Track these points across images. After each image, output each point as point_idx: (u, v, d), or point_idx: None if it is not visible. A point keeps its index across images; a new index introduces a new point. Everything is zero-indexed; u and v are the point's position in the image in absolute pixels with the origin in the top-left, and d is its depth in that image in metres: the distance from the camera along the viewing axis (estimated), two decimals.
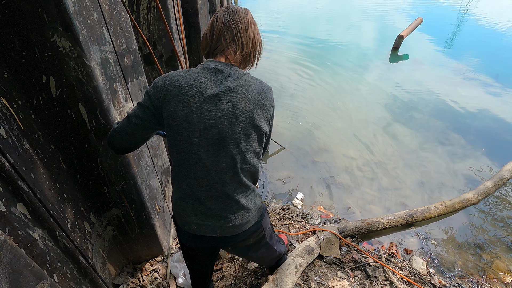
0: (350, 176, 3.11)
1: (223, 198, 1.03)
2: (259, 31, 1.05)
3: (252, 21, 1.02)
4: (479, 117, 4.08)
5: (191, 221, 1.07)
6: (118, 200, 1.50)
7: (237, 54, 0.98)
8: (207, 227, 1.07)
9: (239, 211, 1.06)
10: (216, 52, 1.00)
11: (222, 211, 1.04)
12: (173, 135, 0.97)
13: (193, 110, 0.93)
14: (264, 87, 1.00)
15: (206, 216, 1.05)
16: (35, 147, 1.06)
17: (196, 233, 1.09)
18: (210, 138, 0.94)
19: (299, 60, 5.68)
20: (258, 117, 0.97)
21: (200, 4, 2.54)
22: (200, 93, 0.93)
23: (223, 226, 1.06)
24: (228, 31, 0.97)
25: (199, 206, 1.04)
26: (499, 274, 2.20)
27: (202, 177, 0.99)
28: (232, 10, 0.99)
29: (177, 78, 0.96)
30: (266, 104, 0.99)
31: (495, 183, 2.85)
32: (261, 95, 0.97)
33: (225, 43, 0.98)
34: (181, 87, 0.94)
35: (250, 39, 1.00)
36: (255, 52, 1.04)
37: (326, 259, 2.05)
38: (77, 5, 0.94)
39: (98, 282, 1.41)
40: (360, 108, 4.25)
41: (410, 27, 6.30)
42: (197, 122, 0.93)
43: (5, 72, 0.93)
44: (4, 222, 0.88)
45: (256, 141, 1.00)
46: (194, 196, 1.03)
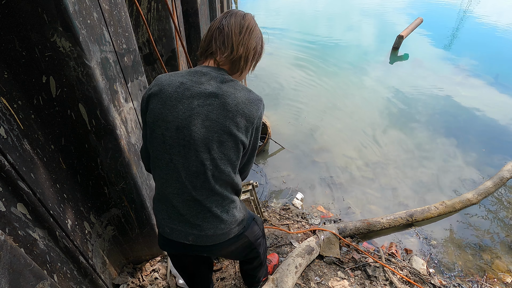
0: (350, 176, 3.11)
1: (195, 204, 0.99)
2: (259, 37, 1.01)
3: (250, 25, 0.98)
4: (479, 117, 4.08)
5: (165, 223, 1.04)
6: (118, 200, 1.50)
7: (224, 57, 0.95)
8: (180, 233, 1.03)
9: (212, 221, 1.01)
10: (207, 53, 0.99)
11: (194, 217, 1.00)
12: (150, 133, 0.97)
13: (168, 108, 0.92)
14: (252, 98, 0.96)
15: (179, 221, 1.01)
16: (35, 147, 1.06)
17: (169, 237, 1.05)
18: (182, 139, 0.92)
19: (299, 60, 5.68)
20: (236, 126, 0.92)
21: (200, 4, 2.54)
22: (178, 92, 0.92)
23: (196, 234, 1.02)
24: (220, 33, 0.95)
25: (172, 209, 1.01)
26: (499, 274, 2.20)
27: (174, 178, 0.97)
28: (230, 14, 0.98)
29: (162, 79, 0.96)
30: (250, 115, 0.94)
31: (495, 183, 2.85)
32: (245, 104, 0.93)
33: (215, 45, 0.96)
34: (163, 86, 0.94)
35: (242, 43, 0.95)
36: (247, 57, 0.99)
37: (326, 259, 2.05)
38: (77, 5, 0.94)
39: (98, 282, 1.41)
40: (360, 108, 4.25)
41: (410, 27, 6.30)
42: (171, 121, 0.91)
43: (5, 72, 0.93)
44: (4, 222, 0.88)
45: (232, 151, 0.95)
46: (166, 198, 1.01)
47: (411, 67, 5.53)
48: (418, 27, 6.76)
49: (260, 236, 1.33)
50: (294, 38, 6.76)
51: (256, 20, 1.03)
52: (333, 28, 7.50)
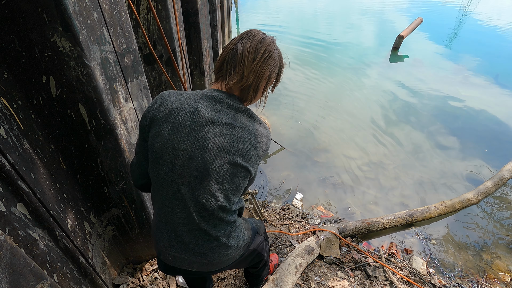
0: (350, 176, 3.11)
1: (201, 234, 0.94)
2: (276, 64, 0.94)
3: (268, 51, 0.90)
4: (479, 117, 4.08)
5: (166, 251, 0.99)
6: (118, 200, 1.50)
7: (233, 84, 0.90)
8: (183, 261, 0.99)
9: (218, 249, 0.98)
10: (218, 76, 0.94)
11: (199, 247, 0.96)
12: (154, 158, 0.90)
13: (181, 136, 0.85)
14: (262, 132, 0.94)
15: (182, 250, 0.97)
16: (35, 147, 1.06)
17: (171, 264, 1.02)
18: (194, 170, 0.87)
19: (299, 60, 5.68)
20: (248, 159, 0.90)
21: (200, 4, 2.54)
22: (193, 119, 0.85)
23: (199, 262, 0.99)
24: (233, 57, 0.89)
25: (175, 238, 0.96)
26: (499, 274, 2.20)
27: (180, 208, 0.92)
28: (248, 36, 0.91)
29: (170, 100, 0.89)
30: (260, 149, 0.93)
31: (495, 183, 2.85)
32: (257, 138, 0.91)
33: (226, 69, 0.91)
34: (173, 109, 0.87)
35: (254, 71, 0.88)
36: (257, 87, 0.92)
37: (326, 259, 2.05)
38: (77, 5, 0.94)
39: (98, 282, 1.41)
40: (360, 108, 4.25)
41: (410, 27, 6.30)
42: (183, 149, 0.86)
43: (5, 72, 0.93)
44: (4, 222, 0.88)
45: (243, 182, 0.93)
46: (170, 226, 0.96)
47: (411, 67, 5.53)
48: (418, 27, 6.76)
49: (263, 241, 1.32)
50: (294, 38, 6.76)
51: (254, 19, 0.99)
52: (333, 28, 7.50)
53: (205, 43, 2.83)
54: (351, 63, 5.61)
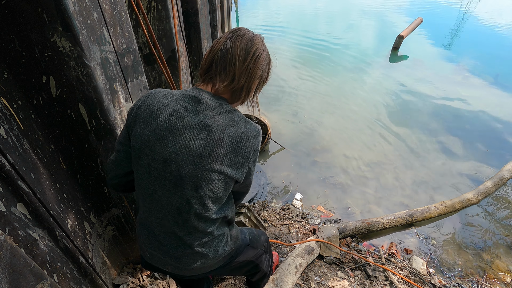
0: (350, 176, 3.11)
1: (175, 238, 0.93)
2: (266, 63, 0.91)
3: (258, 51, 0.87)
4: (479, 117, 4.08)
5: (145, 248, 1.00)
6: (118, 200, 1.51)
7: (224, 86, 0.86)
8: (160, 260, 0.99)
9: (192, 256, 0.95)
10: (206, 76, 0.89)
11: (174, 250, 0.94)
12: (135, 158, 0.89)
13: (157, 138, 0.83)
14: (248, 131, 0.87)
15: (159, 249, 0.96)
16: (35, 147, 1.06)
17: (148, 261, 1.03)
18: (168, 174, 0.84)
19: (299, 60, 5.68)
20: (229, 163, 0.85)
21: (200, 4, 2.54)
22: (170, 121, 0.83)
23: (174, 265, 0.97)
24: (222, 57, 0.85)
25: (153, 237, 0.96)
26: (499, 274, 2.20)
27: (157, 209, 0.91)
28: (237, 35, 0.87)
29: (153, 99, 0.87)
30: (244, 150, 0.86)
31: (495, 183, 2.85)
32: (241, 139, 0.85)
33: (216, 70, 0.86)
34: (153, 110, 0.85)
35: (245, 72, 0.86)
36: (249, 87, 0.89)
37: (326, 259, 2.05)
38: (77, 5, 0.94)
39: (98, 282, 1.41)
40: (360, 108, 4.25)
41: (410, 27, 6.30)
42: (159, 152, 0.83)
43: (5, 72, 0.93)
44: (4, 222, 0.88)
45: (222, 188, 0.88)
46: (148, 225, 0.97)
47: (411, 67, 5.53)
48: (418, 27, 6.76)
49: (261, 254, 1.28)
50: (294, 38, 6.76)
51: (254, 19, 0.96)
52: (333, 28, 7.50)
53: (205, 43, 2.83)
54: (351, 63, 5.61)
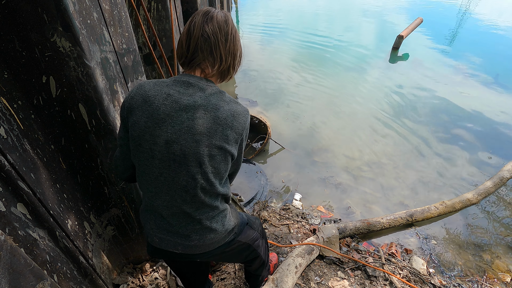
0: (350, 176, 3.11)
1: (185, 216, 0.98)
2: (239, 38, 0.98)
3: (233, 29, 0.94)
4: (479, 117, 4.08)
5: (153, 233, 1.04)
6: (118, 200, 1.51)
7: (215, 69, 0.93)
8: (169, 242, 1.03)
9: (202, 232, 1.01)
10: (193, 64, 0.93)
11: (183, 228, 1.00)
12: (135, 146, 0.93)
13: (155, 122, 0.88)
14: (239, 110, 0.93)
15: (168, 231, 1.01)
16: (35, 147, 1.06)
17: (158, 246, 1.06)
18: (172, 154, 0.89)
19: (299, 60, 5.68)
20: (226, 139, 0.90)
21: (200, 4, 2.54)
22: (166, 105, 0.88)
23: (184, 244, 1.02)
24: (206, 42, 0.89)
25: (161, 220, 1.01)
26: (499, 274, 2.20)
27: (163, 192, 0.95)
28: (211, 18, 0.90)
29: (145, 88, 0.91)
30: (238, 127, 0.92)
31: (495, 183, 2.85)
32: (234, 117, 0.91)
33: (202, 55, 0.90)
34: (147, 98, 0.89)
35: (229, 52, 0.93)
36: (234, 65, 0.98)
37: (326, 259, 2.05)
38: (77, 5, 0.94)
39: (98, 282, 1.41)
40: (360, 108, 4.25)
41: (410, 27, 6.30)
42: (159, 135, 0.88)
43: (5, 72, 0.93)
44: (4, 222, 0.88)
45: (222, 164, 0.94)
46: (155, 210, 1.00)
47: (411, 67, 5.53)
48: (418, 27, 6.76)
49: (258, 238, 1.32)
50: (295, 38, 6.76)
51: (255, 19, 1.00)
52: (333, 28, 7.50)
53: None
54: (351, 63, 5.61)
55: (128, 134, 0.96)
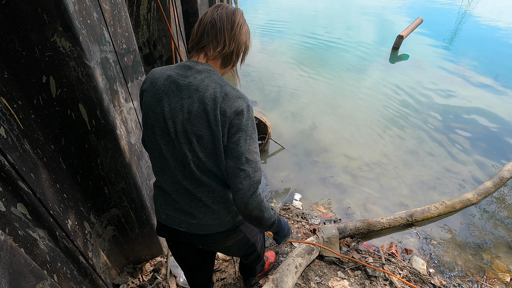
0: (350, 176, 3.11)
1: (187, 193, 1.03)
2: (248, 32, 1.04)
3: (241, 21, 1.00)
4: (479, 116, 4.08)
5: (161, 210, 1.11)
6: (118, 200, 1.50)
7: (217, 51, 0.97)
8: (174, 219, 1.08)
9: (205, 210, 1.05)
10: (199, 46, 0.99)
11: (187, 206, 1.05)
12: (144, 124, 1.02)
13: (156, 101, 0.95)
14: (232, 94, 0.93)
15: (174, 208, 1.07)
16: (35, 147, 1.06)
17: (164, 223, 1.12)
18: (167, 131, 0.96)
19: (299, 60, 5.68)
20: (214, 121, 0.91)
21: (200, 4, 2.54)
22: (165, 85, 0.95)
23: (188, 221, 1.07)
24: (212, 27, 0.96)
25: (167, 197, 1.07)
26: (499, 274, 2.20)
27: (166, 168, 1.02)
28: (221, 8, 0.99)
29: (154, 73, 1.00)
30: (227, 110, 0.91)
31: (495, 183, 2.85)
32: (224, 99, 0.91)
33: (208, 38, 0.97)
34: (153, 80, 0.98)
35: (233, 38, 0.98)
36: (238, 52, 1.02)
37: (326, 259, 2.05)
38: (77, 5, 0.94)
39: (98, 282, 1.41)
40: (360, 108, 4.25)
41: (410, 27, 6.30)
42: (159, 112, 0.95)
43: (5, 72, 0.93)
44: (4, 222, 0.88)
45: (212, 145, 0.94)
46: (162, 186, 1.07)
47: (411, 67, 5.53)
48: (418, 27, 6.76)
49: (257, 232, 1.33)
50: (295, 38, 6.76)
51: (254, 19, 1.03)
52: (333, 28, 7.50)
53: None
54: (351, 63, 5.61)
55: None
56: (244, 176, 0.93)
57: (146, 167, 1.58)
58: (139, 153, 1.49)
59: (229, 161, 0.95)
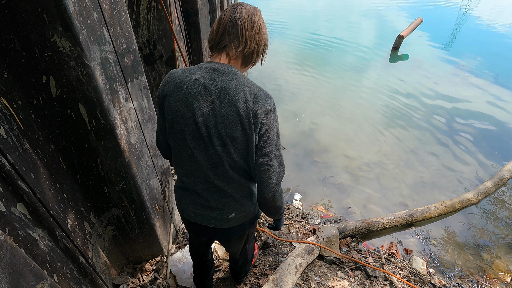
0: (350, 176, 3.11)
1: (217, 191, 1.08)
2: (266, 30, 1.05)
3: (260, 20, 1.01)
4: (479, 117, 4.08)
5: (188, 209, 1.15)
6: (118, 200, 1.50)
7: (238, 51, 0.98)
8: (203, 217, 1.13)
9: (233, 205, 1.11)
10: (220, 46, 1.00)
11: (217, 202, 1.10)
12: (169, 128, 1.03)
13: (185, 105, 0.96)
14: (260, 94, 0.97)
15: (202, 206, 1.11)
16: (35, 147, 1.06)
17: (193, 220, 1.17)
18: (200, 134, 0.98)
19: (299, 60, 5.68)
20: (247, 122, 0.95)
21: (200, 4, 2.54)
22: (193, 89, 0.95)
23: (218, 217, 1.12)
24: (233, 27, 0.97)
25: (196, 196, 1.11)
26: (499, 274, 2.20)
27: (197, 169, 1.05)
28: (241, 7, 1.00)
29: (175, 75, 0.99)
30: (257, 111, 0.95)
31: (495, 183, 2.85)
32: (254, 101, 0.95)
33: (229, 38, 0.98)
34: (178, 84, 0.97)
35: (254, 37, 0.99)
36: (258, 51, 1.04)
37: (326, 259, 2.05)
38: (77, 5, 0.94)
39: (98, 282, 1.41)
40: (360, 108, 4.25)
41: (410, 27, 6.30)
42: (189, 117, 0.96)
43: (5, 72, 0.93)
44: (4, 222, 0.88)
45: (245, 145, 0.99)
46: (191, 187, 1.10)
47: (411, 67, 5.53)
48: (418, 27, 6.76)
49: (253, 237, 1.46)
50: (294, 38, 6.76)
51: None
52: (333, 28, 7.50)
53: (205, 43, 2.83)
54: (351, 63, 5.61)
55: (164, 119, 1.05)
56: (273, 170, 1.01)
57: (146, 167, 1.58)
58: (139, 153, 1.49)
59: (259, 158, 1.01)
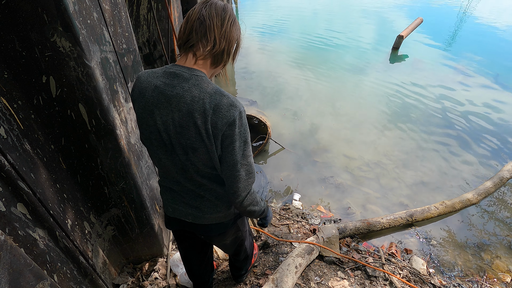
0: (350, 176, 3.11)
1: (191, 192, 1.09)
2: (239, 28, 0.98)
3: (231, 17, 0.94)
4: (479, 117, 4.08)
5: (168, 204, 1.17)
6: (118, 200, 1.50)
7: (207, 51, 0.91)
8: (181, 212, 1.15)
9: (209, 204, 1.11)
10: (187, 45, 0.93)
11: (193, 201, 1.11)
12: (140, 133, 1.03)
13: (148, 113, 0.94)
14: (221, 103, 0.88)
15: (181, 202, 1.13)
16: (35, 147, 1.06)
17: (171, 215, 1.18)
18: (163, 142, 0.96)
19: (299, 60, 5.68)
20: (205, 134, 0.89)
21: None
22: (153, 97, 0.92)
23: (194, 214, 1.13)
24: (201, 25, 0.89)
25: (174, 193, 1.13)
26: (499, 274, 2.20)
27: (168, 172, 1.06)
28: (210, 4, 0.92)
29: (140, 80, 0.96)
30: (218, 122, 0.87)
31: (495, 183, 2.85)
32: (214, 110, 0.87)
33: (196, 37, 0.90)
34: (141, 90, 0.94)
35: (224, 36, 0.92)
36: (229, 50, 0.97)
37: (326, 259, 2.05)
38: (77, 5, 0.94)
39: (98, 282, 1.41)
40: (360, 108, 4.25)
41: (410, 27, 6.30)
42: (152, 125, 0.94)
43: (5, 72, 0.93)
44: (4, 222, 0.88)
45: (206, 155, 0.94)
46: (167, 186, 1.13)
47: (411, 67, 5.53)
48: (418, 27, 6.76)
49: (248, 234, 1.45)
50: (294, 38, 6.76)
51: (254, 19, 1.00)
52: (333, 28, 7.50)
53: None
54: (351, 63, 5.61)
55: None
56: (239, 180, 0.97)
57: (146, 167, 1.58)
58: (139, 153, 1.49)
59: (224, 168, 0.97)
